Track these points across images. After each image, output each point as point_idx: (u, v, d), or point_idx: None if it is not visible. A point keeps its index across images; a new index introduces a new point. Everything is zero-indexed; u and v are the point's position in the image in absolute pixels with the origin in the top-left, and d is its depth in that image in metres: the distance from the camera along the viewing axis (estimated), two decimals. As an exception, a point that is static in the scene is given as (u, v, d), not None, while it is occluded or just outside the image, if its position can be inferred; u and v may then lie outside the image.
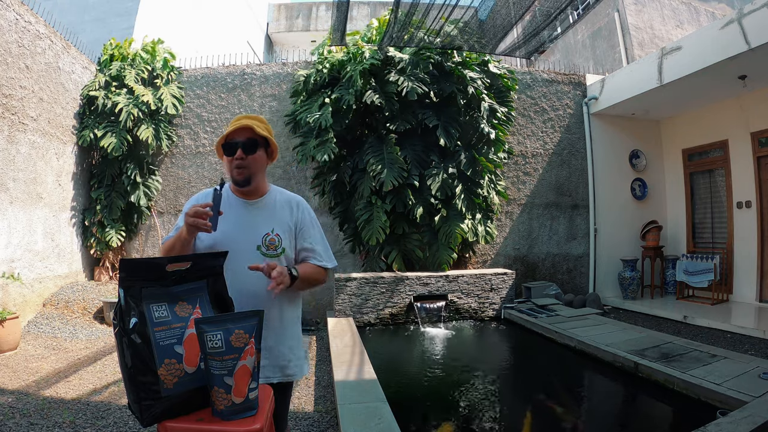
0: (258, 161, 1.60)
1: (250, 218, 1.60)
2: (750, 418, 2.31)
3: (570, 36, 10.84)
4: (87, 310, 5.37)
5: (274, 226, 1.60)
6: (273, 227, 1.60)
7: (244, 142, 1.56)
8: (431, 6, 4.91)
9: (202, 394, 1.23)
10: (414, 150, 5.91)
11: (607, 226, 6.94)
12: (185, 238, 1.47)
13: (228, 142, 1.58)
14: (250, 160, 1.57)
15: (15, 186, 4.83)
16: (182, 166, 6.56)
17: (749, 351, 3.98)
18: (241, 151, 1.56)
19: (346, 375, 3.22)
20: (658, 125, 7.42)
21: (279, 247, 1.59)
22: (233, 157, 1.57)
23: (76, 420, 2.81)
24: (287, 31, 15.14)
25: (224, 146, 1.59)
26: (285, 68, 6.68)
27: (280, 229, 1.61)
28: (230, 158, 1.58)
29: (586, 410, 3.28)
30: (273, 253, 1.57)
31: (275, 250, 1.58)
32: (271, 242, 1.58)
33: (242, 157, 1.56)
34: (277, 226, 1.61)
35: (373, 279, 5.50)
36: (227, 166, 1.60)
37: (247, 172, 1.58)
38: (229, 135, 1.57)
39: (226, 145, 1.58)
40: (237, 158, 1.56)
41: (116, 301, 1.22)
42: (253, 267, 1.44)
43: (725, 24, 4.74)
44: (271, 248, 1.58)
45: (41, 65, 5.27)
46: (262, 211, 1.63)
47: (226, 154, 1.59)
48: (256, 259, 1.52)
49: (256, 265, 1.44)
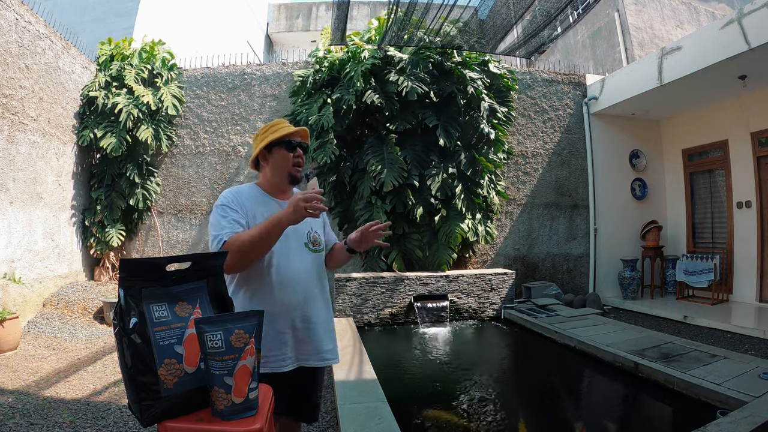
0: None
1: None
2: (750, 418, 2.31)
3: (570, 36, 10.84)
4: (87, 310, 5.37)
5: (312, 225, 1.69)
6: (311, 225, 1.68)
7: (303, 144, 1.69)
8: (430, 5, 4.91)
9: (202, 394, 1.23)
10: (414, 150, 5.91)
11: (607, 226, 6.94)
12: (286, 225, 1.43)
13: (291, 141, 1.64)
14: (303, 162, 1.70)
15: (15, 186, 4.83)
16: (182, 166, 6.56)
17: (749, 351, 3.98)
18: (302, 152, 1.68)
19: (346, 375, 3.22)
20: (658, 125, 7.42)
21: (321, 243, 1.73)
22: (294, 155, 1.65)
23: (76, 420, 2.81)
24: (287, 31, 15.14)
25: (286, 143, 1.64)
26: (285, 68, 6.68)
27: (317, 226, 1.74)
28: (292, 154, 1.64)
29: (586, 410, 3.28)
30: (318, 249, 1.70)
31: (319, 246, 1.71)
32: (314, 239, 1.69)
33: (302, 156, 1.68)
34: (314, 225, 1.71)
35: (373, 279, 5.49)
36: (284, 162, 1.64)
37: (303, 170, 1.70)
38: (291, 134, 1.64)
39: (289, 143, 1.64)
40: (297, 156, 1.66)
41: (116, 301, 1.22)
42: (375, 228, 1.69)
43: (725, 24, 4.74)
44: (316, 245, 1.69)
45: (41, 65, 5.27)
46: None
47: (287, 150, 1.64)
48: (306, 256, 1.64)
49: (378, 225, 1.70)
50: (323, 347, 1.65)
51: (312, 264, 1.65)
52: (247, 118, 6.62)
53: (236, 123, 6.61)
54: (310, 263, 1.65)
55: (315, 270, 1.67)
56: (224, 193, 1.63)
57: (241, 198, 1.59)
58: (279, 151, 1.64)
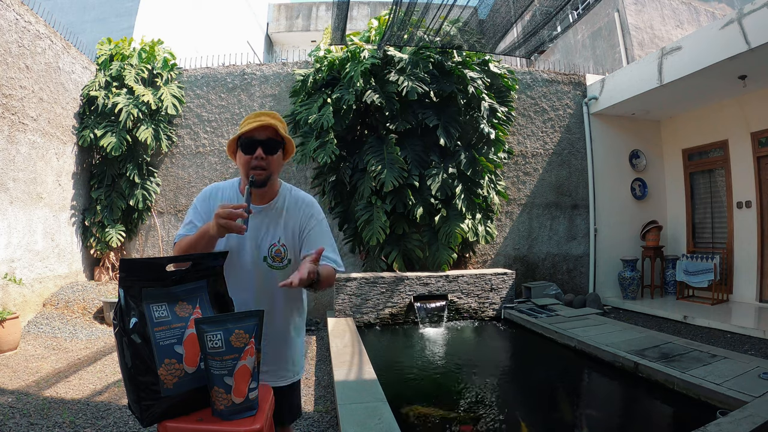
0: (277, 162, 1.51)
1: (256, 225, 1.51)
2: (750, 418, 2.31)
3: (570, 36, 10.84)
4: (87, 310, 5.37)
5: (281, 236, 1.53)
6: (280, 237, 1.53)
7: (266, 141, 1.46)
8: (429, 5, 4.91)
9: (202, 394, 1.23)
10: (414, 150, 5.91)
11: (607, 226, 6.94)
12: (211, 237, 1.37)
13: (248, 139, 1.46)
14: (269, 160, 1.47)
15: (15, 186, 4.83)
16: (182, 166, 6.56)
17: (749, 351, 3.98)
18: (262, 150, 1.45)
19: (346, 375, 3.22)
20: (658, 125, 7.42)
21: (285, 259, 1.52)
22: (252, 156, 1.45)
23: (76, 420, 2.81)
24: (287, 31, 15.14)
25: (242, 143, 1.47)
26: (285, 68, 6.68)
27: (286, 238, 1.54)
28: (249, 157, 1.45)
29: (586, 410, 3.28)
30: (279, 265, 1.52)
31: (281, 262, 1.52)
32: (277, 253, 1.51)
33: (263, 156, 1.45)
34: (283, 235, 1.54)
35: (373, 279, 5.49)
36: (243, 164, 1.48)
37: (266, 173, 1.48)
38: (248, 132, 1.45)
39: (245, 142, 1.46)
40: (257, 157, 1.45)
41: (116, 301, 1.22)
42: (284, 284, 1.25)
43: (725, 24, 4.74)
44: (277, 260, 1.51)
45: (41, 65, 5.27)
46: (270, 218, 1.55)
47: (243, 152, 1.46)
48: (263, 271, 1.50)
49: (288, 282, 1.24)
50: (279, 373, 1.59)
51: (269, 283, 1.49)
52: (247, 118, 6.62)
53: (236, 123, 6.61)
54: (263, 282, 1.50)
55: (272, 290, 1.50)
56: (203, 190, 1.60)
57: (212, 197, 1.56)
58: (238, 152, 1.50)
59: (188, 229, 1.51)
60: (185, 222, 1.54)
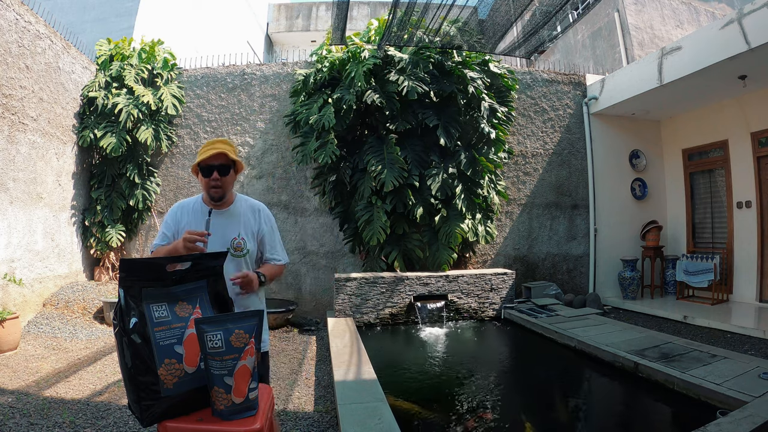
0: (230, 180, 1.90)
1: (221, 225, 1.89)
2: (750, 418, 2.31)
3: (570, 36, 10.84)
4: (87, 310, 5.36)
5: (240, 231, 1.92)
6: (239, 232, 1.91)
7: (219, 166, 1.84)
8: (429, 5, 4.91)
9: (202, 394, 1.24)
10: (414, 150, 5.91)
11: (607, 226, 6.94)
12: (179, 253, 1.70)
13: (205, 166, 1.84)
14: (223, 180, 1.87)
15: (15, 186, 4.83)
16: (182, 166, 6.56)
17: (749, 351, 3.98)
18: (217, 173, 1.84)
19: (346, 375, 3.22)
20: (658, 125, 7.42)
21: (244, 249, 1.91)
22: (210, 178, 1.84)
23: (76, 420, 2.81)
24: (287, 31, 15.14)
25: (201, 168, 1.85)
26: (285, 68, 6.68)
27: (245, 233, 1.93)
28: (207, 179, 1.85)
29: (586, 410, 3.28)
30: (239, 254, 1.90)
31: (241, 252, 1.91)
32: (237, 245, 1.90)
33: (218, 178, 1.85)
34: (242, 231, 1.93)
35: (373, 279, 5.49)
36: (204, 185, 1.89)
37: (221, 191, 1.88)
38: (205, 160, 1.82)
39: (204, 168, 1.85)
40: (213, 179, 1.84)
41: (116, 301, 1.22)
42: (234, 279, 1.73)
43: (725, 24, 4.73)
44: (238, 250, 1.90)
45: (41, 65, 5.27)
46: (230, 219, 1.93)
47: (203, 175, 1.86)
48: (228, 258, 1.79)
49: (237, 276, 1.75)
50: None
51: (234, 267, 1.85)
52: (247, 118, 6.62)
53: (236, 123, 6.61)
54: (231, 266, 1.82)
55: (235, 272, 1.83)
56: (172, 207, 2.00)
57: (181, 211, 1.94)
58: (198, 175, 1.89)
59: (162, 239, 1.91)
60: (159, 233, 1.94)
